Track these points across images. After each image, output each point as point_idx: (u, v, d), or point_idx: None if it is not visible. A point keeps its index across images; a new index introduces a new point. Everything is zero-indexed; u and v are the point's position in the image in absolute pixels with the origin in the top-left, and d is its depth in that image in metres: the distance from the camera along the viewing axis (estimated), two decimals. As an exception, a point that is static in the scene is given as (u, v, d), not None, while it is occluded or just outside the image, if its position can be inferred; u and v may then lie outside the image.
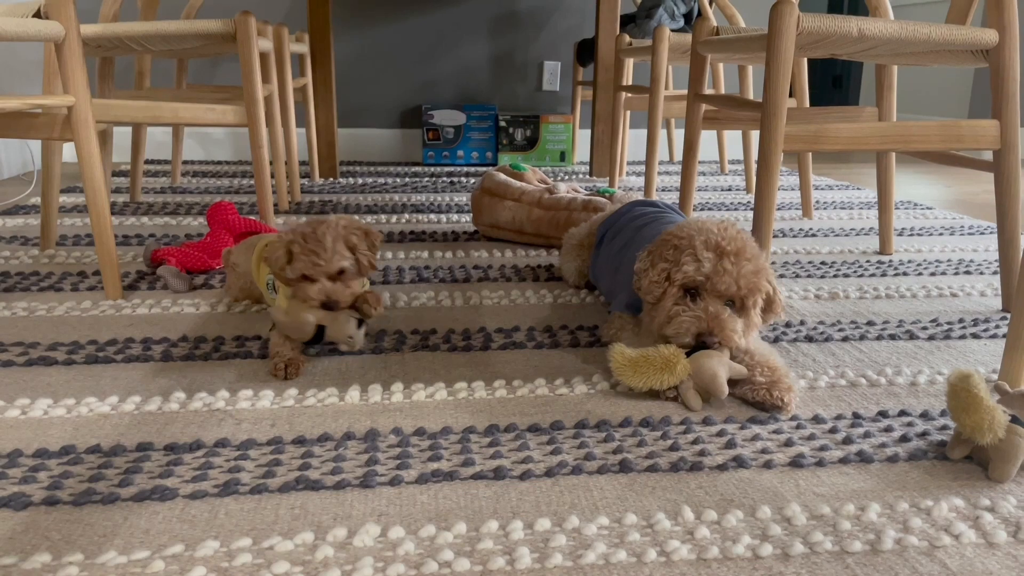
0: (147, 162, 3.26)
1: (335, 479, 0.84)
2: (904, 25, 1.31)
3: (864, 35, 1.30)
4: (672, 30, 2.71)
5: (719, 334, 1.03)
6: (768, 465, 0.89)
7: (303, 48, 2.75)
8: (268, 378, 1.10)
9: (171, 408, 1.01)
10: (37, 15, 1.30)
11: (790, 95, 2.32)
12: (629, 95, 2.71)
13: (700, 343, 1.04)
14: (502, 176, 1.99)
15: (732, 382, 1.05)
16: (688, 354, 1.04)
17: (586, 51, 3.27)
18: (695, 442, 0.94)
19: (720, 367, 1.01)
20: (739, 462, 0.89)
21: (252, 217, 1.97)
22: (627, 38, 2.68)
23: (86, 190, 1.39)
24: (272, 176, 2.68)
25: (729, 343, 1.04)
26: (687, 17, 2.88)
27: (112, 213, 2.22)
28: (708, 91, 2.74)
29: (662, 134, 3.69)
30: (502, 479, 0.86)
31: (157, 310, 1.39)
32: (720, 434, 0.97)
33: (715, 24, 1.80)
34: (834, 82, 6.55)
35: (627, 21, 3.11)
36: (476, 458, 0.90)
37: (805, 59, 2.23)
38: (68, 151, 3.29)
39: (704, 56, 1.77)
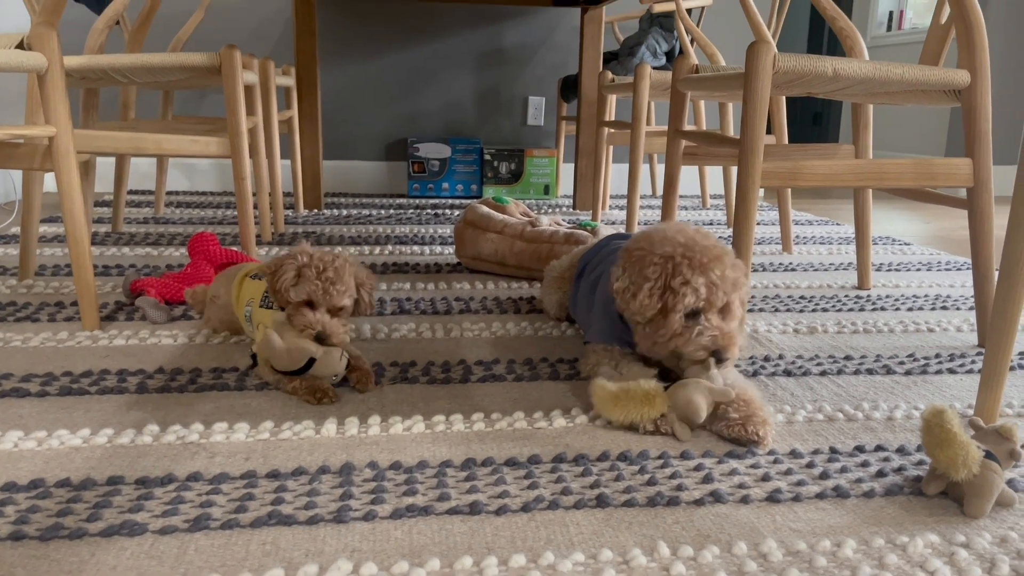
0: (132, 192, 3.25)
1: (308, 514, 0.83)
2: (878, 66, 1.34)
3: (839, 75, 1.32)
4: (654, 67, 2.75)
5: (730, 350, 1.06)
6: (745, 500, 0.89)
7: (289, 81, 2.77)
8: (244, 410, 1.09)
9: (144, 441, 0.99)
10: (20, 46, 1.31)
11: (769, 132, 2.36)
12: (612, 130, 2.74)
13: (665, 377, 1.07)
14: (485, 209, 2.00)
15: (712, 414, 1.06)
16: (666, 387, 1.05)
17: (570, 87, 3.32)
18: (672, 476, 0.94)
19: (695, 393, 1.02)
20: (716, 497, 0.89)
21: (234, 248, 1.97)
22: (609, 75, 2.72)
23: (65, 220, 1.38)
24: (256, 207, 2.68)
25: (734, 354, 1.07)
26: (669, 55, 2.93)
27: (93, 243, 2.21)
28: (690, 127, 2.78)
29: (645, 169, 3.73)
30: (478, 514, 0.85)
31: (134, 341, 1.37)
32: (697, 468, 0.96)
33: (696, 62, 1.83)
34: (815, 119, 6.66)
35: (610, 58, 3.16)
36: (452, 492, 0.89)
37: (783, 97, 2.27)
38: (50, 180, 3.28)
39: (684, 93, 1.80)
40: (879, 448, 1.03)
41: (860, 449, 1.03)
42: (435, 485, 0.90)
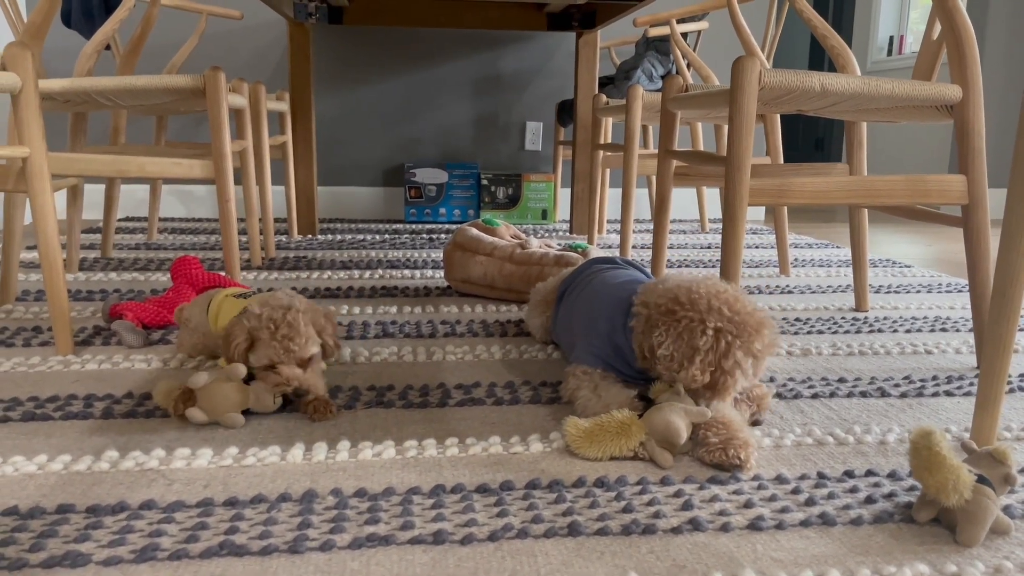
0: (128, 219, 3.24)
1: (262, 544, 0.79)
2: (867, 81, 1.31)
3: (827, 90, 1.30)
4: (651, 91, 2.73)
5: (764, 412, 1.17)
6: (725, 528, 0.85)
7: (284, 106, 2.77)
8: (210, 435, 1.06)
9: (101, 468, 0.96)
10: (-6, 67, 1.30)
11: (766, 153, 2.33)
12: (607, 153, 2.72)
13: (648, 400, 1.03)
14: (474, 231, 1.97)
15: (692, 439, 1.02)
16: (640, 414, 1.01)
17: (567, 112, 3.31)
18: (650, 503, 0.89)
19: (672, 415, 0.98)
20: (695, 525, 0.85)
21: (220, 272, 1.94)
22: (604, 98, 2.71)
23: (39, 243, 1.36)
24: (245, 232, 2.66)
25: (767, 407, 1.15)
26: (665, 79, 2.92)
27: (81, 269, 2.18)
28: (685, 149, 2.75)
29: (643, 193, 3.70)
30: (441, 544, 0.81)
31: (107, 366, 1.34)
32: (677, 495, 0.92)
33: (690, 82, 1.81)
34: (817, 145, 6.64)
35: (607, 83, 3.15)
36: (416, 521, 0.85)
37: (778, 117, 2.25)
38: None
39: (674, 113, 1.78)
40: (869, 473, 0.98)
41: (849, 474, 0.98)
42: (399, 513, 0.86)
